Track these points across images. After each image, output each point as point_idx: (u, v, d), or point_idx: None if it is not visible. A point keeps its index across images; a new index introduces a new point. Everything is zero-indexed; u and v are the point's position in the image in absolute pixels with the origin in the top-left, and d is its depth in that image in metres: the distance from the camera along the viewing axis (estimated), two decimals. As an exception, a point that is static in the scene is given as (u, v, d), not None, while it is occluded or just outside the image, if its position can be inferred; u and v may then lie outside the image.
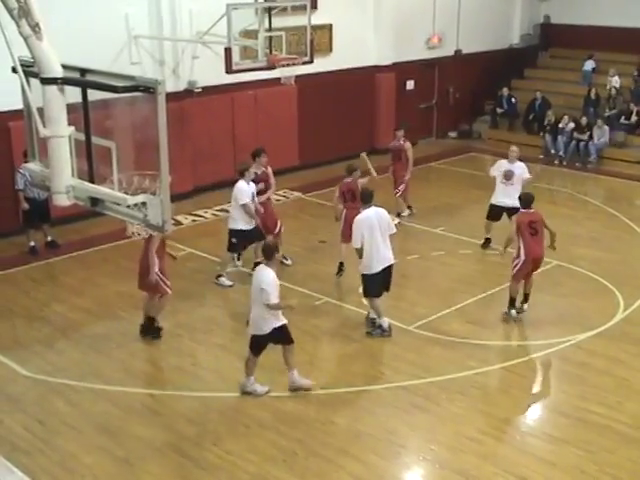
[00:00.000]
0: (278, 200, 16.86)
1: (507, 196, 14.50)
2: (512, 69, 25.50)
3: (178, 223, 16.38)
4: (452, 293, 13.36)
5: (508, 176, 14.67)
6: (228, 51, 15.71)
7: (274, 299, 9.76)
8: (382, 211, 11.76)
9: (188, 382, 10.73)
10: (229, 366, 11.10)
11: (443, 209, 17.73)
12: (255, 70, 16.80)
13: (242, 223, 13.42)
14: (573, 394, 10.44)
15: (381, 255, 11.56)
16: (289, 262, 14.38)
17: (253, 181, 13.58)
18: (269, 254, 9.94)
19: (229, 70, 15.95)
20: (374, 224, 11.50)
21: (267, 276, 9.79)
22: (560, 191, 19.71)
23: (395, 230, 11.89)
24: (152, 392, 10.47)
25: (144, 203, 8.78)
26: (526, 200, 12.30)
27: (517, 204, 12.67)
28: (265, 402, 10.19)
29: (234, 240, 13.58)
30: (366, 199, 11.78)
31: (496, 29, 25.50)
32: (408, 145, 16.72)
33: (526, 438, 9.55)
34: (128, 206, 8.87)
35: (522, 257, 12.02)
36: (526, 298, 12.47)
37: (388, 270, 11.76)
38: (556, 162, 21.99)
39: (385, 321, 11.87)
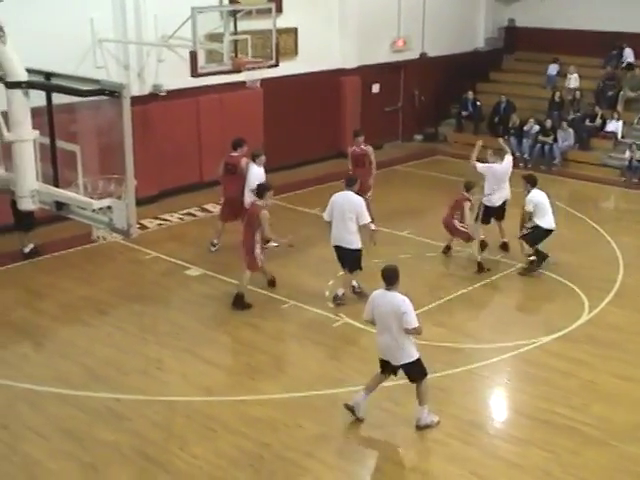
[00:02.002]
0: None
1: None
2: (477, 72, 25.62)
3: (143, 227, 16.27)
4: (418, 296, 13.35)
5: None
6: (193, 55, 15.66)
7: (417, 322, 9.32)
8: (351, 196, 12.65)
9: (154, 386, 10.68)
10: (195, 370, 11.06)
11: (409, 212, 17.78)
12: (220, 74, 16.76)
13: None
14: (538, 396, 10.52)
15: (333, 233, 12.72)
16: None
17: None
18: (392, 279, 9.39)
19: (194, 74, 15.92)
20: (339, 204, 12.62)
21: (404, 300, 9.27)
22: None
23: (368, 221, 12.68)
24: (118, 397, 10.39)
25: (109, 207, 8.78)
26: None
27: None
28: (231, 406, 10.18)
29: None
30: (348, 183, 12.93)
31: (461, 32, 25.64)
32: (371, 149, 16.32)
33: (491, 440, 9.61)
34: (93, 210, 8.86)
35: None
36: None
37: (340, 250, 12.77)
38: (521, 165, 22.08)
39: (340, 290, 12.97)
